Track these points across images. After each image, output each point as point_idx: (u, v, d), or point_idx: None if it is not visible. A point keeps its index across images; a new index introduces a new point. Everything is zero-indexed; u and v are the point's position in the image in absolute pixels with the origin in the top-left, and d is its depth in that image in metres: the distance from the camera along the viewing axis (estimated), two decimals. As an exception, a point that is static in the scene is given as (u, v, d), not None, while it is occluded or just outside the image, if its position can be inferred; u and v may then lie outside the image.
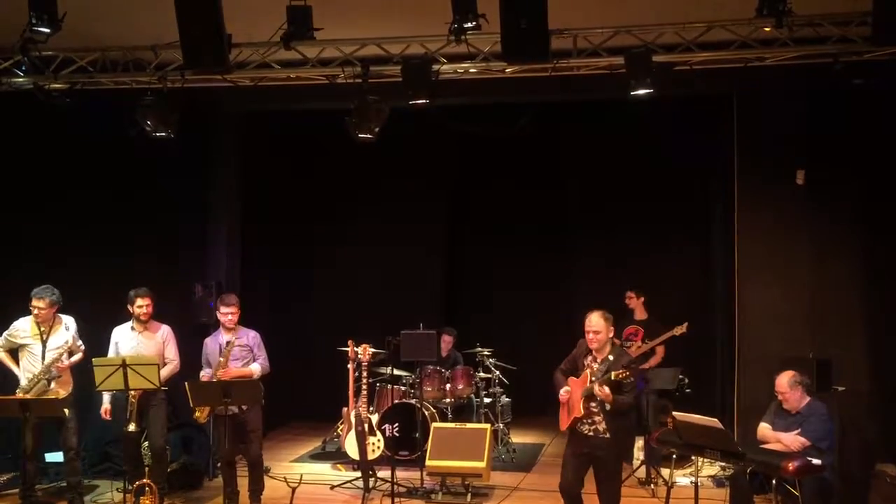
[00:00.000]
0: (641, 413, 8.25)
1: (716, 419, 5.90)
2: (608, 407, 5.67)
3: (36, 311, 7.02)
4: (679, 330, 8.20)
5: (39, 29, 6.14)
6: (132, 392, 6.81)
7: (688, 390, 8.36)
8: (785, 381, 6.30)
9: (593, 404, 5.75)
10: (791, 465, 5.68)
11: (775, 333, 7.86)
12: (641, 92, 6.55)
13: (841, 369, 7.27)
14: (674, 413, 6.36)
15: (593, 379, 5.72)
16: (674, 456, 6.92)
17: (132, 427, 6.86)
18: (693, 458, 6.83)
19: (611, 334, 5.87)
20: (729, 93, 8.04)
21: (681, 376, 8.28)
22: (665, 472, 7.59)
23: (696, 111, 8.82)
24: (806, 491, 5.82)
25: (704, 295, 9.75)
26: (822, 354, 7.30)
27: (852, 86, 6.55)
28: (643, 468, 8.03)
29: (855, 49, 6.50)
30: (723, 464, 7.32)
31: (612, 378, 5.58)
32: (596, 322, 5.82)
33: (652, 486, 7.79)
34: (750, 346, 8.08)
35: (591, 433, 5.79)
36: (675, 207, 9.80)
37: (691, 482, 7.16)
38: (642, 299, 8.60)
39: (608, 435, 5.73)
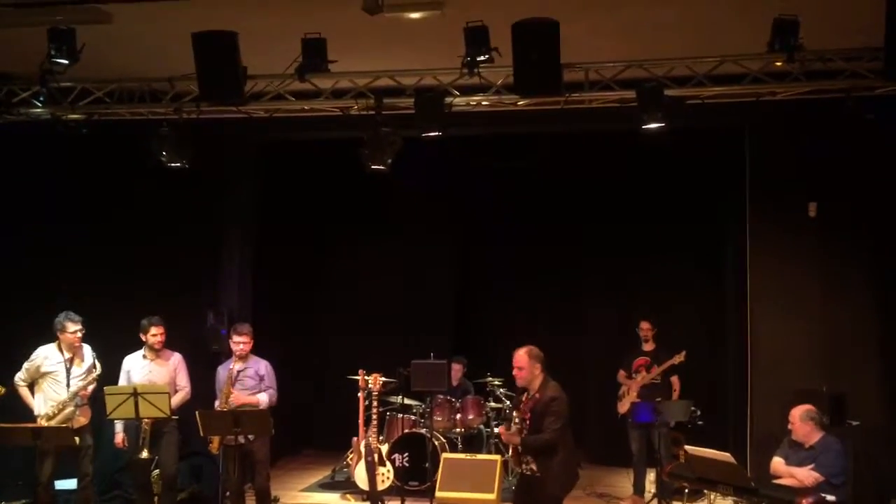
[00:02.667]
0: (653, 446, 8.19)
1: (728, 454, 5.86)
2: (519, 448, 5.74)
3: (73, 333, 7.03)
4: (678, 359, 8.15)
5: (58, 60, 6.23)
6: (145, 419, 6.82)
7: (700, 423, 8.30)
8: (797, 413, 6.27)
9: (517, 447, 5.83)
10: (805, 502, 5.63)
11: (788, 366, 7.82)
12: (653, 126, 6.59)
13: (855, 403, 7.21)
14: (686, 447, 6.33)
15: (516, 422, 5.83)
16: (686, 490, 6.86)
17: (144, 454, 6.86)
18: (705, 492, 6.77)
19: (536, 371, 5.78)
20: (741, 125, 8.06)
21: (693, 408, 8.23)
22: (677, 505, 7.53)
23: (708, 143, 8.83)
24: (818, 527, 5.76)
25: (716, 327, 9.71)
26: (835, 388, 7.26)
27: (864, 120, 6.55)
28: (655, 501, 7.95)
29: (867, 84, 6.52)
30: (735, 499, 7.24)
31: (523, 423, 5.71)
32: (519, 358, 5.80)
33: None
34: (762, 380, 8.03)
35: (528, 472, 5.78)
36: (686, 239, 9.77)
37: (704, 517, 7.11)
38: (655, 331, 8.57)
39: (539, 474, 5.68)
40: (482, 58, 6.04)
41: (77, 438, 6.89)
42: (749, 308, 8.21)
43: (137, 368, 7.31)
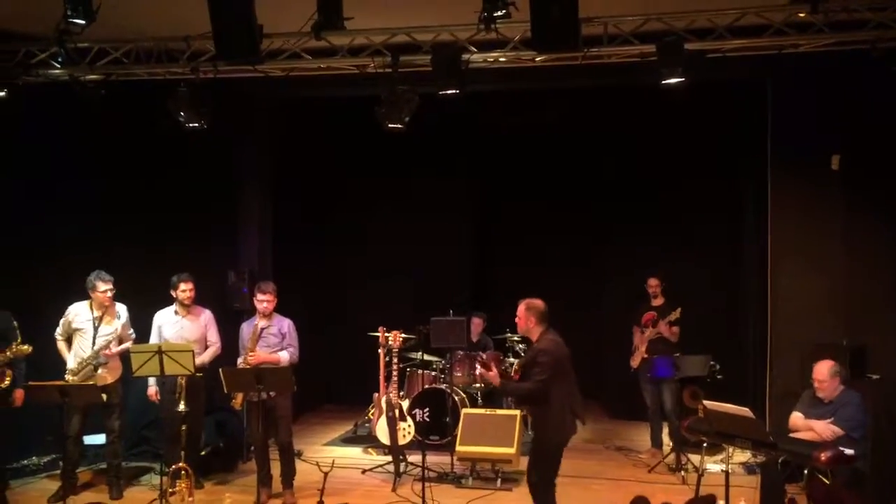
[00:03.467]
0: (673, 400, 8.24)
1: (747, 408, 5.89)
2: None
3: (103, 293, 7.14)
4: (674, 315, 8.16)
5: (75, 20, 6.21)
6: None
7: (719, 377, 8.34)
8: (826, 370, 6.24)
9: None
10: (823, 456, 5.66)
11: (808, 320, 7.80)
12: (673, 80, 6.50)
13: (875, 357, 7.21)
14: (704, 402, 6.36)
15: (516, 367, 6.19)
16: (704, 444, 6.92)
17: (181, 407, 7.00)
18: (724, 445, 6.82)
19: (531, 324, 5.92)
20: (763, 79, 7.94)
21: (712, 362, 8.26)
22: (695, 458, 7.60)
23: (728, 97, 8.73)
24: (838, 480, 5.80)
25: (737, 279, 9.68)
26: (856, 342, 7.25)
27: (889, 72, 6.42)
28: (673, 455, 8.03)
29: (892, 35, 6.38)
30: (754, 453, 7.29)
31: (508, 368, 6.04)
32: (518, 309, 6.01)
33: (682, 472, 7.80)
34: (782, 333, 8.03)
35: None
36: (707, 192, 9.70)
37: (722, 469, 7.15)
38: (663, 286, 8.55)
39: (532, 422, 6.03)
40: (499, 13, 5.95)
41: (104, 396, 7.03)
42: (770, 261, 8.18)
43: (169, 324, 7.47)
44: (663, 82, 6.56)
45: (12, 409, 7.02)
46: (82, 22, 6.22)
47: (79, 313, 7.26)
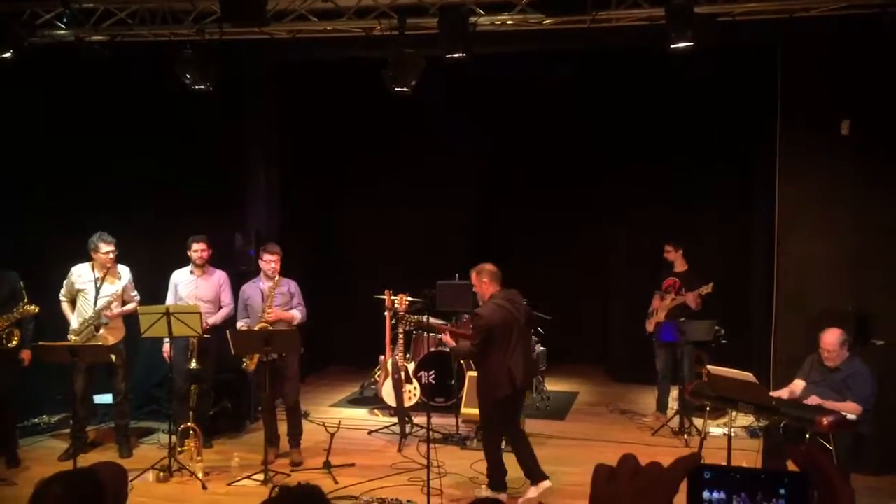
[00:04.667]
0: (678, 364, 8.29)
1: (750, 373, 5.92)
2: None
3: (105, 254, 7.20)
4: (705, 290, 8.11)
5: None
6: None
7: (724, 341, 8.37)
8: (835, 339, 6.18)
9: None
10: (825, 420, 5.68)
11: (815, 286, 7.81)
12: (682, 45, 6.44)
13: (881, 324, 7.22)
14: (708, 367, 6.40)
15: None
16: (707, 408, 6.97)
17: (193, 364, 7.09)
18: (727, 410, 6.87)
19: (487, 288, 6.28)
20: (773, 43, 7.86)
21: (717, 327, 8.28)
22: (699, 422, 7.66)
23: (738, 59, 8.63)
24: (840, 445, 5.83)
25: (744, 245, 9.66)
26: (862, 308, 7.25)
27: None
28: (677, 418, 8.10)
29: (903, -1, 6.31)
30: (756, 416, 7.34)
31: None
32: (472, 279, 6.38)
33: (685, 435, 7.87)
34: (788, 299, 8.04)
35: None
36: (715, 157, 9.64)
37: (725, 433, 7.22)
38: (681, 251, 8.54)
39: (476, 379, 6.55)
40: (507, -26, 5.91)
41: (113, 356, 7.12)
42: (777, 226, 8.16)
43: (184, 283, 7.59)
44: (672, 46, 6.49)
45: (21, 368, 7.10)
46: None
47: (81, 274, 7.32)
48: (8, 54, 7.07)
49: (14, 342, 6.98)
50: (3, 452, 7.13)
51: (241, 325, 7.27)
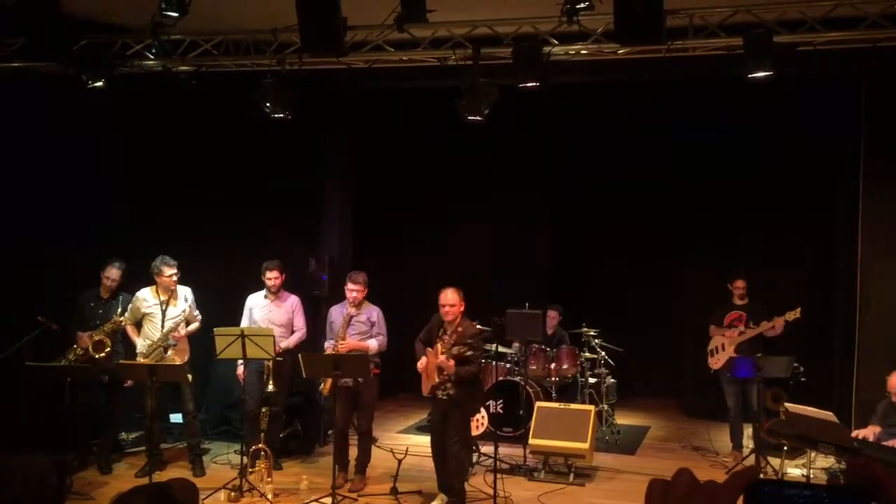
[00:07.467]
0: (749, 401, 8.04)
1: (831, 412, 5.73)
2: (452, 377, 6.39)
3: (169, 277, 7.42)
4: (792, 315, 7.87)
5: (169, 13, 6.44)
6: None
7: (802, 379, 8.09)
8: None
9: (445, 373, 6.45)
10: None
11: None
12: (761, 74, 6.33)
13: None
14: (786, 404, 6.21)
15: (443, 351, 6.40)
16: (785, 447, 6.75)
17: (271, 387, 7.23)
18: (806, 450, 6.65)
19: (462, 308, 6.51)
20: (856, 73, 7.67)
21: (795, 364, 8.02)
22: (775, 461, 7.41)
23: (822, 87, 8.45)
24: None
25: (824, 281, 9.38)
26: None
27: None
28: (752, 457, 7.85)
29: None
30: (836, 458, 7.07)
31: (455, 353, 6.29)
32: (451, 297, 6.51)
33: (761, 475, 7.61)
34: (871, 338, 7.77)
35: (444, 398, 6.54)
36: (796, 189, 9.42)
37: (803, 474, 6.98)
38: (745, 284, 8.33)
39: (457, 399, 6.49)
40: (582, 5, 5.93)
41: (189, 376, 7.30)
42: (860, 262, 7.91)
43: (259, 307, 7.77)
44: (750, 76, 6.39)
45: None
46: (175, 15, 6.45)
47: (146, 299, 7.54)
48: (100, 83, 7.37)
49: (105, 353, 7.30)
50: (98, 459, 7.53)
51: (327, 345, 7.39)
